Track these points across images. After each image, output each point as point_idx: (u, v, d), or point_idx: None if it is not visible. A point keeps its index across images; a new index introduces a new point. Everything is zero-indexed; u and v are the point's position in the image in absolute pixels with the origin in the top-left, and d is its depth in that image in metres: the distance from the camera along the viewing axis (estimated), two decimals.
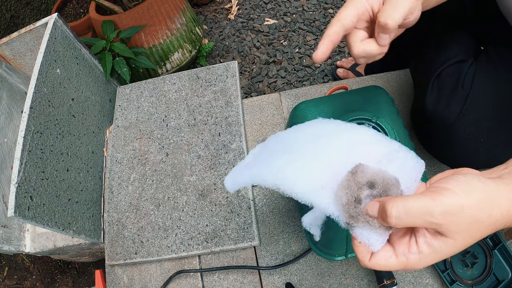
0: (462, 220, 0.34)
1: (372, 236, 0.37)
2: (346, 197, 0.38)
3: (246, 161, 0.54)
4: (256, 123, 0.96)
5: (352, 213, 0.38)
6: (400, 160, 0.41)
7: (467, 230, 0.34)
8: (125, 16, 1.14)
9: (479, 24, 0.74)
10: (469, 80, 0.66)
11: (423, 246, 0.36)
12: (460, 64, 0.69)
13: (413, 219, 0.34)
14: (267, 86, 1.36)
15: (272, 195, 0.86)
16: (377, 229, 0.37)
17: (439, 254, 0.35)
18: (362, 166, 0.39)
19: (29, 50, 0.97)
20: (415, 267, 0.36)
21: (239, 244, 0.80)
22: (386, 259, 0.37)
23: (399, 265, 0.37)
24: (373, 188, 0.38)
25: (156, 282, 0.83)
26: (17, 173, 0.67)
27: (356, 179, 0.39)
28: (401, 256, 0.37)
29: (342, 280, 0.76)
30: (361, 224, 0.37)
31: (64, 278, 1.22)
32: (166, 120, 0.98)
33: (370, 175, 0.38)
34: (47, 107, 0.80)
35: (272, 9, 1.54)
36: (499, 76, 0.65)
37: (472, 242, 0.36)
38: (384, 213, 0.35)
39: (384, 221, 0.36)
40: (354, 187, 0.38)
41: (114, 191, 0.92)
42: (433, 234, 0.35)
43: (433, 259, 0.36)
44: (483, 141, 0.64)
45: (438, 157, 0.75)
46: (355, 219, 0.38)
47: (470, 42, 0.74)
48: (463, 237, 0.34)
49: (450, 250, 0.35)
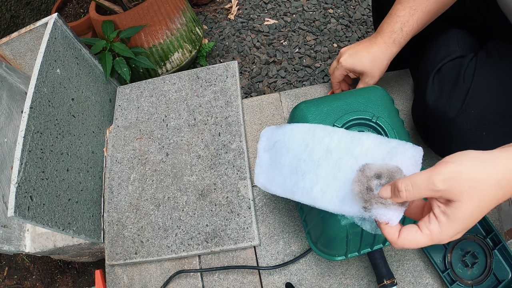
0: (461, 182, 0.38)
1: (388, 212, 0.45)
2: (359, 188, 0.46)
3: (265, 161, 0.66)
4: (256, 123, 0.96)
5: (366, 198, 0.46)
6: (399, 155, 0.50)
7: (471, 190, 0.38)
8: (125, 16, 1.14)
9: (479, 22, 0.74)
10: (470, 73, 0.65)
11: (439, 215, 0.40)
12: (460, 59, 0.69)
13: (419, 189, 0.40)
14: (267, 86, 1.36)
15: (272, 195, 0.86)
16: (391, 206, 0.44)
17: (456, 220, 0.39)
18: (368, 164, 0.47)
19: (29, 50, 0.97)
20: (440, 237, 0.41)
21: (239, 244, 0.80)
22: (413, 235, 0.42)
23: (425, 238, 0.41)
24: (380, 178, 0.46)
25: (156, 282, 0.83)
26: (17, 173, 0.67)
27: (364, 174, 0.47)
28: (424, 229, 0.41)
29: (342, 280, 0.76)
30: (376, 206, 0.45)
31: (64, 278, 1.22)
32: (166, 120, 0.98)
33: (376, 169, 0.46)
34: (47, 107, 0.80)
35: (272, 9, 1.54)
36: (500, 70, 0.64)
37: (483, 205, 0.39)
38: (396, 190, 0.42)
39: (396, 197, 0.42)
40: (364, 180, 0.46)
41: (114, 191, 0.92)
42: (445, 203, 0.40)
43: (454, 228, 0.40)
44: (485, 135, 0.63)
45: (440, 153, 0.75)
46: (369, 202, 0.45)
47: (470, 39, 0.74)
48: (470, 197, 0.38)
49: (465, 214, 0.39)
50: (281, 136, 0.64)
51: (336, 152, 0.57)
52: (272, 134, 0.67)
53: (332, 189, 0.55)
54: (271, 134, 0.67)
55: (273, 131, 0.67)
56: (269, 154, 0.66)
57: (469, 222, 0.40)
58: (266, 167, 0.66)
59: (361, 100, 0.66)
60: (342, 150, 0.56)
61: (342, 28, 1.45)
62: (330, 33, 1.44)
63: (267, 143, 0.67)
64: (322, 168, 0.57)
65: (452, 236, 0.41)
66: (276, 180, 0.63)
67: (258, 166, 0.67)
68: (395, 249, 0.77)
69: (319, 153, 0.58)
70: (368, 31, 1.43)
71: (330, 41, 1.42)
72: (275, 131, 0.66)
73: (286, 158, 0.62)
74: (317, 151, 0.58)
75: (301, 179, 0.59)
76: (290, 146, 0.62)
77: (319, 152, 0.58)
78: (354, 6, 1.49)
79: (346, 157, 0.55)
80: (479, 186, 0.39)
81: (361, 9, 1.48)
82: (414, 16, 0.70)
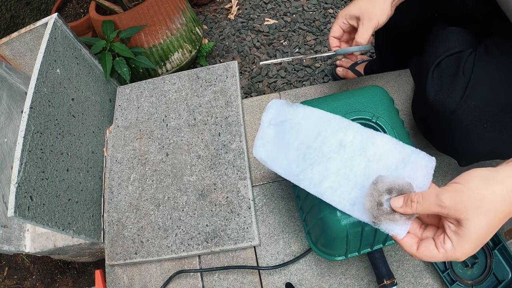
0: (465, 199, 0.41)
1: (395, 227, 0.48)
2: (370, 203, 0.50)
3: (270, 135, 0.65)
4: (256, 123, 0.96)
5: (375, 214, 0.49)
6: (412, 164, 0.52)
7: (476, 207, 0.41)
8: (125, 16, 1.14)
9: (479, 21, 0.74)
10: (469, 67, 0.66)
11: (451, 235, 0.43)
12: (459, 54, 0.69)
13: (428, 204, 0.44)
14: (267, 86, 1.36)
15: (272, 195, 0.86)
16: (398, 221, 0.48)
17: (468, 238, 0.42)
18: (381, 177, 0.50)
19: (29, 50, 0.97)
20: (455, 255, 0.43)
21: (239, 244, 0.80)
22: (430, 251, 0.45)
23: (440, 255, 0.44)
24: (391, 193, 0.49)
25: (156, 282, 0.83)
26: (17, 173, 0.67)
27: (377, 188, 0.50)
28: (440, 248, 0.44)
29: (342, 280, 0.76)
30: (384, 222, 0.48)
31: (64, 278, 1.22)
32: (166, 120, 0.98)
33: (388, 184, 0.49)
34: (47, 107, 0.80)
35: (272, 9, 1.54)
36: (499, 64, 0.65)
37: (492, 222, 0.41)
38: (409, 200, 0.46)
39: (408, 207, 0.46)
40: (376, 195, 0.49)
41: (114, 191, 0.92)
42: (455, 224, 0.43)
43: (468, 246, 0.42)
44: (486, 127, 0.64)
45: (441, 149, 0.75)
46: (378, 218, 0.49)
47: (469, 37, 0.74)
48: (476, 215, 0.41)
49: (475, 231, 0.41)
50: (292, 115, 0.63)
51: (350, 149, 0.57)
52: (281, 109, 0.64)
53: (343, 189, 0.55)
54: (280, 109, 0.65)
55: (283, 107, 0.64)
56: (275, 130, 0.64)
57: (481, 239, 0.42)
58: (269, 142, 0.64)
59: (361, 100, 0.66)
60: (356, 148, 0.56)
61: None
62: None
63: (274, 117, 0.65)
64: (332, 162, 0.57)
65: (467, 254, 0.43)
66: (279, 160, 0.62)
67: (260, 138, 0.65)
68: (395, 249, 0.77)
69: (331, 146, 0.58)
70: None
71: None
72: (286, 107, 0.64)
73: (295, 141, 0.61)
74: (329, 143, 0.58)
75: (309, 169, 0.58)
76: (300, 129, 0.61)
77: (332, 145, 0.58)
78: None
79: (360, 157, 0.55)
80: (483, 204, 0.41)
81: None
82: None
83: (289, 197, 0.85)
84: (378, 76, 0.98)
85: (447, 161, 0.84)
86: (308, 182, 0.58)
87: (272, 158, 0.63)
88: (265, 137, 0.65)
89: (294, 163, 0.60)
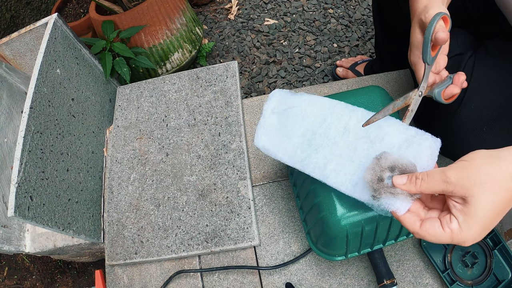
0: (471, 175, 0.40)
1: (395, 202, 0.46)
2: (370, 177, 0.48)
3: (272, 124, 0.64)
4: (256, 123, 0.96)
5: (375, 187, 0.47)
6: (416, 144, 0.50)
7: (482, 183, 0.39)
8: (125, 16, 1.14)
9: (478, 21, 0.74)
10: (469, 69, 0.66)
11: (458, 214, 0.41)
12: (459, 56, 0.69)
13: (433, 181, 0.42)
14: (267, 86, 1.36)
15: (272, 195, 0.86)
16: (399, 196, 0.46)
17: (475, 218, 0.40)
18: (385, 153, 0.48)
19: (29, 50, 0.97)
20: (461, 236, 0.41)
21: (239, 244, 0.80)
22: (435, 229, 0.43)
23: (446, 235, 0.42)
24: (393, 171, 0.47)
25: (156, 282, 0.83)
26: (17, 173, 0.67)
27: (380, 163, 0.47)
28: (446, 228, 0.42)
29: (342, 280, 0.76)
30: (384, 195, 0.46)
31: (64, 278, 1.22)
32: (166, 120, 0.98)
33: (392, 161, 0.47)
34: (47, 107, 0.80)
35: (272, 9, 1.54)
36: (499, 66, 0.65)
37: (499, 200, 0.40)
38: (414, 177, 0.44)
39: (412, 183, 0.44)
40: (378, 169, 0.47)
41: (114, 191, 0.92)
42: (461, 203, 0.41)
43: (475, 227, 0.41)
44: (485, 130, 0.63)
45: (440, 151, 0.75)
46: (378, 191, 0.47)
47: (469, 38, 0.74)
48: (482, 191, 0.39)
49: (482, 210, 0.40)
50: (296, 103, 0.63)
51: (354, 132, 0.56)
52: (285, 98, 0.64)
53: (346, 171, 0.55)
54: (283, 98, 0.65)
55: (287, 95, 0.64)
56: (278, 118, 0.64)
57: (489, 220, 0.40)
58: (271, 130, 0.64)
59: (361, 100, 0.66)
60: (360, 131, 0.56)
61: (342, 28, 1.45)
62: (330, 33, 1.44)
63: (277, 106, 0.65)
64: (337, 146, 0.57)
65: (474, 236, 0.41)
66: (283, 147, 0.62)
67: (262, 127, 0.65)
68: (395, 249, 0.77)
69: (336, 131, 0.58)
70: (368, 31, 1.43)
71: (330, 41, 1.42)
72: (290, 96, 0.64)
73: (300, 128, 0.61)
74: (335, 128, 0.58)
75: (314, 153, 0.58)
76: (305, 116, 0.61)
77: (337, 130, 0.58)
78: (354, 6, 1.49)
79: (363, 139, 0.55)
80: (490, 179, 0.39)
81: (361, 9, 1.48)
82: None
83: (289, 197, 0.85)
84: (378, 76, 0.98)
85: (447, 162, 0.84)
86: (313, 167, 0.58)
87: (275, 145, 0.63)
88: (267, 126, 0.64)
89: (299, 149, 0.60)
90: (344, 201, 0.59)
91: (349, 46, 1.40)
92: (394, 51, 1.04)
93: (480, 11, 0.72)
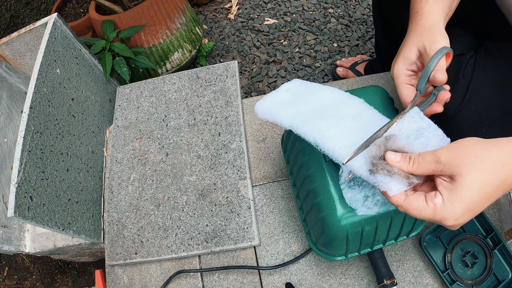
0: (460, 154, 0.41)
1: (390, 182, 0.46)
2: (374, 152, 0.48)
3: (283, 97, 0.63)
4: (256, 123, 0.96)
5: (375, 162, 0.48)
6: (424, 138, 0.50)
7: (471, 163, 0.40)
8: (125, 16, 1.14)
9: (478, 21, 0.74)
10: (469, 70, 0.65)
11: (443, 190, 0.42)
12: (460, 57, 0.69)
13: (425, 161, 0.43)
14: (267, 86, 1.36)
15: (272, 195, 0.86)
16: (395, 177, 0.46)
17: (459, 196, 0.40)
18: (394, 136, 0.49)
19: (29, 50, 0.97)
20: (443, 213, 0.41)
21: (239, 244, 0.80)
22: (418, 203, 0.43)
23: (428, 210, 0.42)
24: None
25: (156, 282, 0.83)
26: (17, 173, 0.67)
27: (386, 143, 0.48)
28: (429, 202, 0.42)
29: (342, 280, 0.76)
30: (381, 171, 0.47)
31: (64, 278, 1.22)
32: (166, 120, 0.98)
33: (399, 146, 0.48)
34: (47, 107, 0.80)
35: (272, 8, 1.54)
36: (499, 67, 0.65)
37: (486, 183, 0.40)
38: (408, 157, 0.45)
39: (405, 161, 0.45)
40: (383, 148, 0.48)
41: (114, 191, 0.92)
42: (449, 181, 0.42)
43: (459, 206, 0.41)
44: (485, 131, 0.63)
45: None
46: (376, 166, 0.47)
47: (469, 38, 0.74)
48: (470, 170, 0.40)
49: (468, 189, 0.40)
50: (316, 88, 0.63)
51: (366, 118, 0.57)
52: (304, 84, 0.64)
53: (348, 138, 0.54)
54: (303, 83, 0.64)
55: (307, 83, 0.64)
56: (291, 96, 0.63)
57: (474, 201, 0.40)
58: (280, 101, 0.62)
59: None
60: (371, 118, 0.57)
61: (342, 27, 1.45)
62: (330, 32, 1.44)
63: (294, 87, 0.64)
64: (346, 122, 0.56)
65: (457, 215, 0.41)
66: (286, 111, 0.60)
67: (269, 99, 0.63)
68: (395, 249, 0.77)
69: (347, 113, 0.57)
70: (368, 31, 1.43)
71: (330, 41, 1.42)
72: (311, 83, 0.64)
73: (313, 100, 0.60)
74: (347, 111, 0.58)
75: (319, 119, 0.57)
76: (321, 96, 0.61)
77: (348, 113, 0.58)
78: (354, 6, 1.49)
79: (373, 126, 0.54)
80: (479, 160, 0.40)
81: (361, 8, 1.48)
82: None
83: (289, 197, 0.85)
84: (378, 76, 0.98)
85: None
86: (314, 127, 0.56)
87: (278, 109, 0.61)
88: (277, 98, 0.63)
89: (303, 114, 0.59)
90: (344, 201, 0.59)
91: (349, 45, 1.40)
92: (394, 51, 1.04)
93: (480, 11, 0.72)
